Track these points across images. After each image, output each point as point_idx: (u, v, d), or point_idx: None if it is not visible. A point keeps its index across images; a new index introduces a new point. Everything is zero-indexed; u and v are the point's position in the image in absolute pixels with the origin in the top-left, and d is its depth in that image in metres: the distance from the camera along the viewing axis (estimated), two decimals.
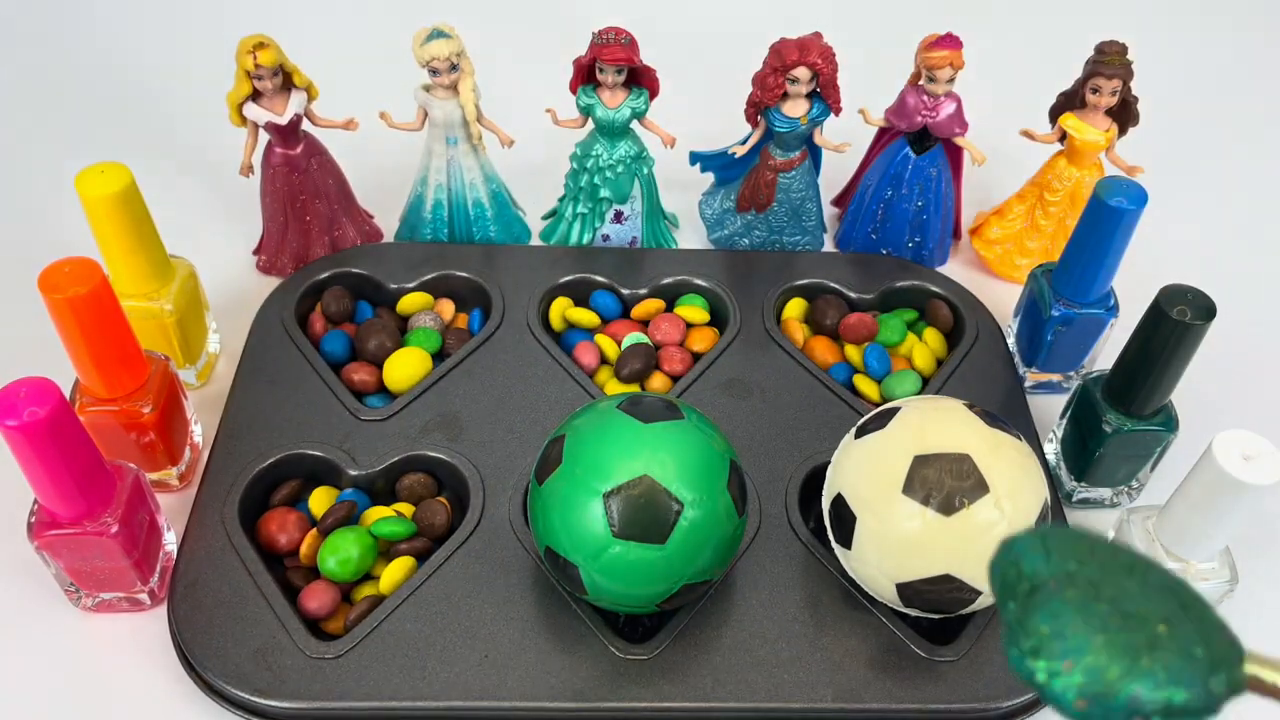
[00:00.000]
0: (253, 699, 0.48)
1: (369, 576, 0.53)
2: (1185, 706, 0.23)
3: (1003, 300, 0.70)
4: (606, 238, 0.71)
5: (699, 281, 0.68)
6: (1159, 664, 0.23)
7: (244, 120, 0.63)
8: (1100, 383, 0.58)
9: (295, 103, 0.63)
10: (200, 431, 0.61)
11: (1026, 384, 0.67)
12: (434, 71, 0.63)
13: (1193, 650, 0.23)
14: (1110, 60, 0.64)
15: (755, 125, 0.68)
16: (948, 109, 0.66)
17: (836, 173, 0.75)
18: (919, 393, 0.62)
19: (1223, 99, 0.92)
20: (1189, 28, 0.99)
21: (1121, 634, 0.24)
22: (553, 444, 0.48)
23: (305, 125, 0.65)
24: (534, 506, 0.48)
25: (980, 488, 0.45)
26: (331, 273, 0.67)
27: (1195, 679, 0.23)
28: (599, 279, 0.68)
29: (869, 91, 0.69)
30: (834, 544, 0.50)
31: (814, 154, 0.70)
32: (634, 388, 0.62)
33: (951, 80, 0.65)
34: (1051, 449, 0.62)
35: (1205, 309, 0.51)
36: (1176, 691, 0.23)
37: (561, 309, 0.66)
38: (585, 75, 0.65)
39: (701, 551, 0.46)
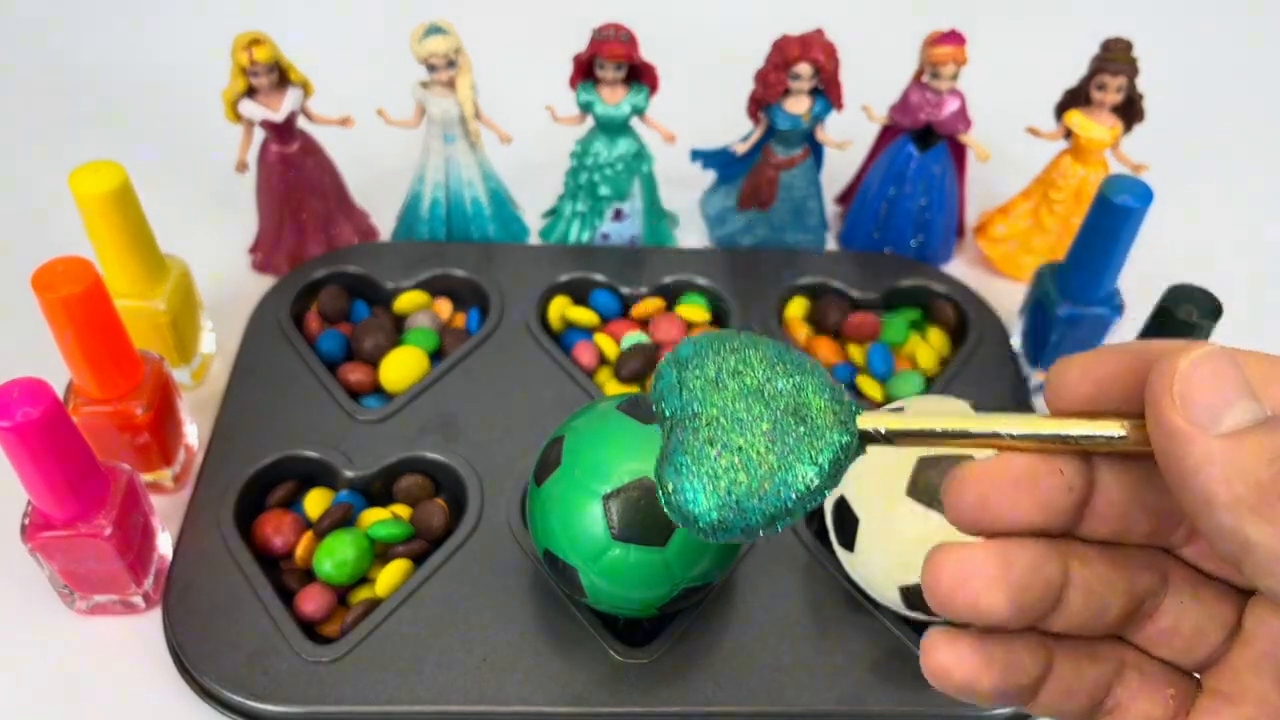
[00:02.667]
0: (248, 703, 0.47)
1: (365, 579, 0.53)
2: (808, 488, 0.26)
3: (1008, 299, 0.70)
4: (606, 236, 0.71)
5: (699, 281, 0.67)
6: (774, 469, 0.26)
7: (239, 117, 0.63)
8: None
9: (291, 99, 0.62)
10: (195, 432, 0.60)
11: (1032, 384, 0.66)
12: (431, 68, 0.62)
13: (801, 444, 0.26)
14: (1115, 57, 0.63)
15: (757, 122, 0.67)
16: (951, 106, 0.66)
17: (839, 171, 0.74)
18: (923, 393, 0.62)
19: (1229, 96, 0.91)
20: (1194, 25, 0.98)
21: (732, 458, 0.26)
22: (551, 445, 0.47)
23: (301, 122, 0.65)
24: (532, 508, 0.47)
25: None
26: (327, 271, 0.66)
27: (808, 465, 0.26)
28: (598, 278, 0.67)
29: (872, 88, 0.68)
30: (836, 547, 0.50)
31: (816, 151, 0.69)
32: (634, 388, 0.62)
33: (955, 77, 0.65)
34: None
35: (1212, 309, 0.51)
36: (795, 482, 0.26)
37: (560, 308, 0.66)
38: (585, 71, 0.64)
39: (702, 554, 0.45)
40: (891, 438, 0.26)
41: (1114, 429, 0.23)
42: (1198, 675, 0.26)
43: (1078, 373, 0.24)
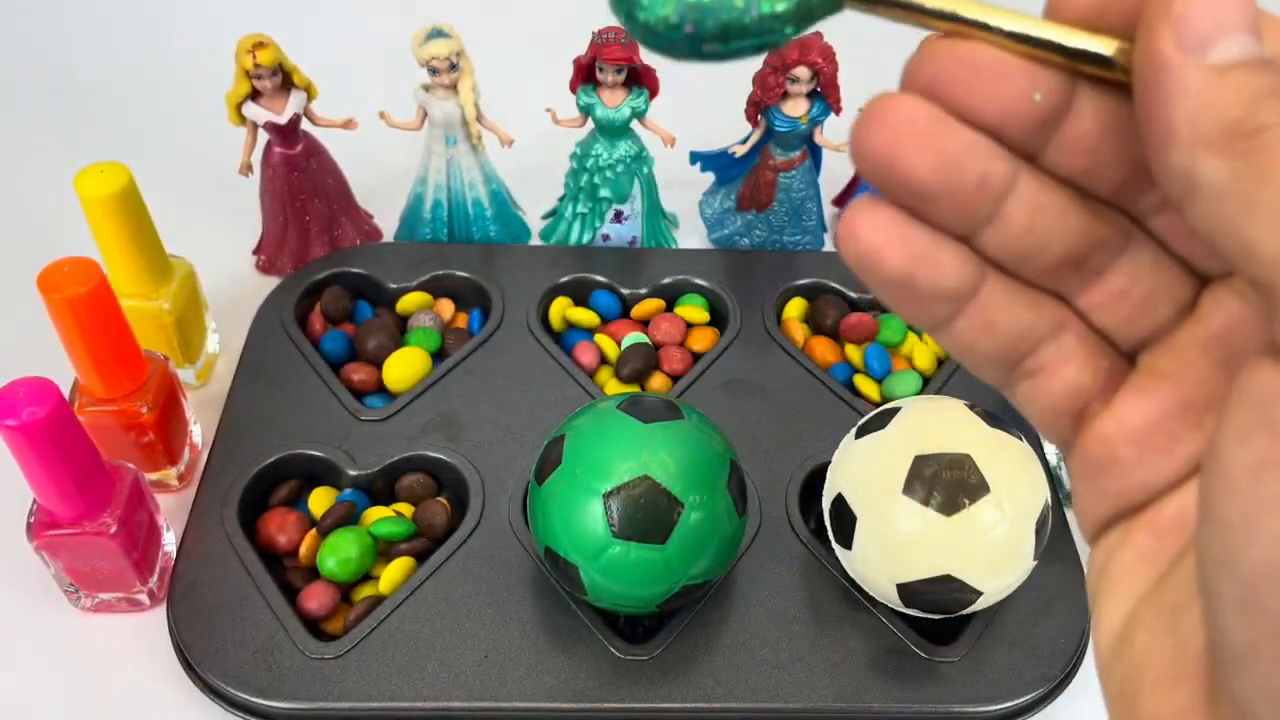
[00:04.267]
0: (252, 699, 0.48)
1: (368, 577, 0.53)
2: (771, 11, 0.23)
3: None
4: (606, 237, 0.71)
5: (699, 281, 0.68)
6: None
7: (243, 120, 0.63)
8: None
9: (294, 102, 0.63)
10: (199, 432, 0.60)
11: None
12: (433, 71, 0.63)
13: None
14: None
15: (755, 125, 0.68)
16: None
17: (837, 172, 0.75)
18: (920, 392, 0.62)
19: None
20: None
21: None
22: (552, 444, 0.48)
23: (304, 125, 0.65)
24: (534, 507, 0.48)
25: (981, 488, 0.45)
26: (331, 272, 0.67)
27: None
28: (599, 279, 0.67)
29: (870, 91, 0.69)
30: (834, 544, 0.50)
31: (814, 153, 0.70)
32: (634, 388, 0.62)
33: None
34: (1053, 449, 0.62)
35: None
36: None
37: (561, 309, 0.66)
38: (585, 74, 0.65)
39: (702, 552, 0.46)
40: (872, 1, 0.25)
41: (1104, 47, 0.21)
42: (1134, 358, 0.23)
43: None
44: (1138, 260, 0.23)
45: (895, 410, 0.49)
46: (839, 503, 0.49)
